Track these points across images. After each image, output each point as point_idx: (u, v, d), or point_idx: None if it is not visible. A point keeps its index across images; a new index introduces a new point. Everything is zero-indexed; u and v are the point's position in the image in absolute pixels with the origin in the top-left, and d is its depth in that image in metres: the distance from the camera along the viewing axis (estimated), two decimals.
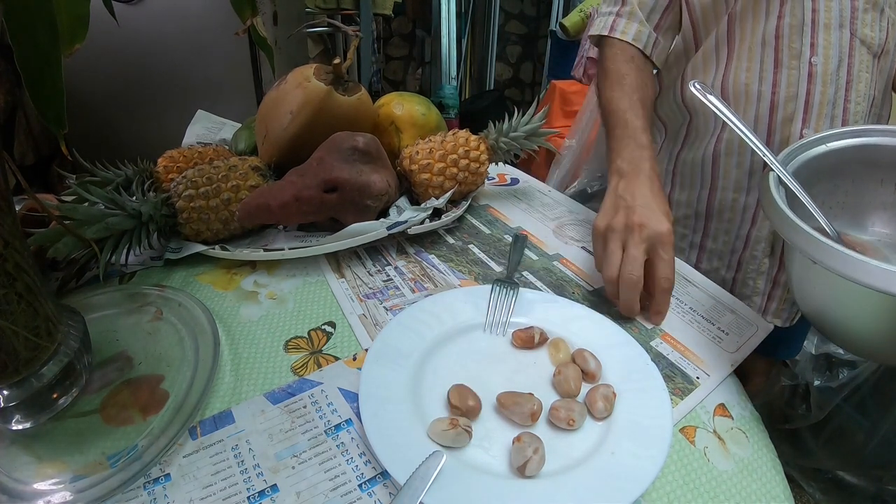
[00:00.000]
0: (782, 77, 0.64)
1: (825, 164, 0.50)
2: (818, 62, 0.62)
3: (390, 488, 0.37)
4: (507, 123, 0.70)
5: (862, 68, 0.64)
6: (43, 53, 0.34)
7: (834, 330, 0.45)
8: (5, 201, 0.36)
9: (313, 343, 0.50)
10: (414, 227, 0.62)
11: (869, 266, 0.35)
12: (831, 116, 0.64)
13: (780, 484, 0.41)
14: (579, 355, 0.46)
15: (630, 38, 0.70)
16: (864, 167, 0.51)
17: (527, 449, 0.37)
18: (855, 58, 0.63)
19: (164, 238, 0.60)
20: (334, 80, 0.63)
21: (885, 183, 0.51)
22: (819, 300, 0.45)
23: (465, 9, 2.72)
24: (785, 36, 0.63)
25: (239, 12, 0.55)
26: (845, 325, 0.44)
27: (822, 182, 0.51)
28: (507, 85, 3.20)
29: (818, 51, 0.62)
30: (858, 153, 0.50)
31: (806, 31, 0.62)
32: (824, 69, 0.63)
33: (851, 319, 0.43)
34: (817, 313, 0.46)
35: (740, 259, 0.75)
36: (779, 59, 0.64)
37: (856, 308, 0.41)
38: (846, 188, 0.52)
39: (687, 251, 0.80)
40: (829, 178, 0.51)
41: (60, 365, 0.40)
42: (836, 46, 0.62)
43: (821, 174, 0.51)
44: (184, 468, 0.38)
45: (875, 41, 0.63)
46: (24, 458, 0.39)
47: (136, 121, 1.21)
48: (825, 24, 0.62)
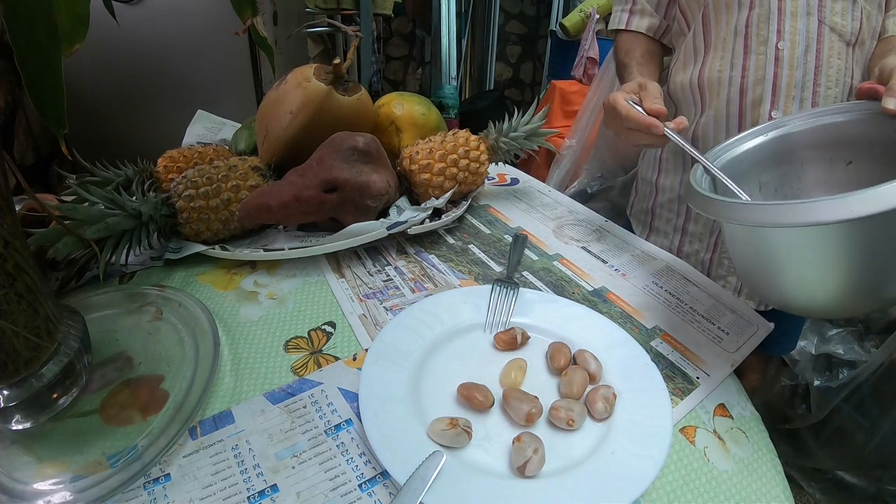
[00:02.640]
0: (751, 62, 0.68)
1: (773, 152, 0.53)
2: (785, 47, 0.67)
3: (390, 488, 0.37)
4: (507, 123, 0.70)
5: (832, 54, 0.67)
6: (43, 53, 0.34)
7: (764, 288, 0.47)
8: (5, 201, 0.36)
9: (313, 343, 0.50)
10: (414, 227, 0.62)
11: (770, 207, 0.37)
12: (800, 99, 0.68)
13: (780, 484, 0.41)
14: (580, 356, 0.46)
15: (644, 29, 0.80)
16: (813, 150, 0.52)
17: (527, 449, 0.37)
18: (824, 44, 0.66)
19: (164, 238, 0.60)
20: (334, 80, 0.63)
21: (834, 161, 0.52)
22: (745, 260, 0.47)
23: (465, 9, 2.72)
24: (754, 24, 0.68)
25: (239, 12, 0.55)
26: (772, 278, 0.45)
27: (772, 170, 0.54)
28: (507, 85, 3.20)
29: (785, 36, 0.66)
30: (802, 138, 0.52)
31: (773, 19, 0.67)
32: (791, 54, 0.67)
33: (776, 270, 0.44)
34: (748, 274, 0.48)
35: (716, 240, 0.79)
36: (748, 47, 0.68)
37: (774, 255, 0.43)
38: (797, 173, 0.54)
39: (671, 234, 0.84)
40: (779, 165, 0.54)
41: (60, 365, 0.40)
42: (802, 32, 0.66)
43: (768, 163, 0.53)
44: (184, 468, 0.38)
45: (847, 29, 0.66)
46: (24, 458, 0.39)
47: (136, 121, 1.21)
48: (792, 13, 0.66)
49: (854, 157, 0.51)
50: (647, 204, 0.88)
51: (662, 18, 0.80)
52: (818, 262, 0.40)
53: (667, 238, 0.84)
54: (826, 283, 0.41)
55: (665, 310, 0.56)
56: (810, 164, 0.53)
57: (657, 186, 0.85)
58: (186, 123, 0.88)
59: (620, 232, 0.70)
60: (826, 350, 1.18)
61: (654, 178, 0.85)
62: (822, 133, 0.51)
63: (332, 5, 1.72)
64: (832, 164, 0.52)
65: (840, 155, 0.51)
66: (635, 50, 0.78)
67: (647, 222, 0.88)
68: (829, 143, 0.51)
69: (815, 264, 0.40)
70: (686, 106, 0.78)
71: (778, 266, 0.43)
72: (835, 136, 0.51)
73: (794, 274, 0.42)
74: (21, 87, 0.94)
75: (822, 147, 0.52)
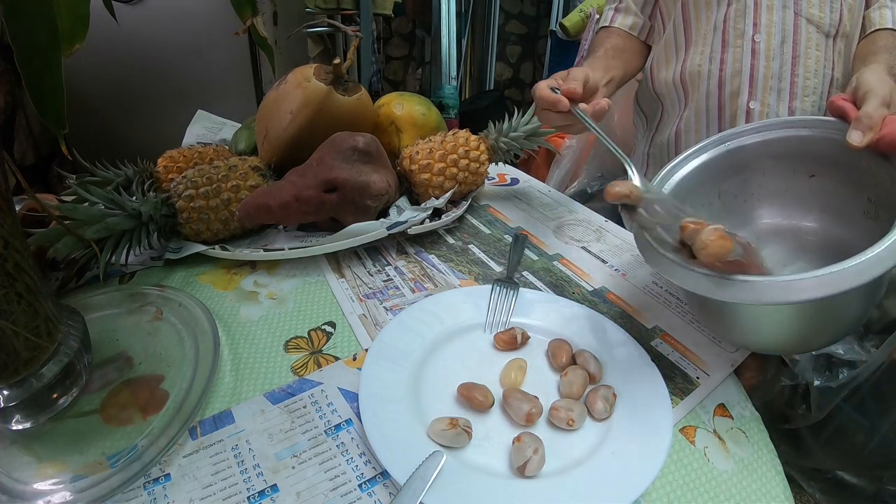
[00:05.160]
0: (728, 55, 0.70)
1: (734, 160, 0.54)
2: (761, 39, 0.68)
3: (390, 488, 0.37)
4: (507, 123, 0.70)
5: (810, 45, 0.68)
6: (43, 53, 0.34)
7: (715, 329, 0.51)
8: (5, 201, 0.36)
9: (313, 343, 0.50)
10: (414, 227, 0.62)
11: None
12: (778, 90, 0.69)
13: (780, 484, 0.41)
14: (580, 356, 0.46)
15: (627, 28, 0.82)
16: (776, 159, 0.53)
17: (527, 449, 0.37)
18: (801, 35, 0.68)
19: (164, 238, 0.60)
20: (334, 80, 0.63)
21: (797, 172, 0.53)
22: (697, 305, 0.49)
23: (465, 9, 2.72)
24: (731, 19, 0.69)
25: (239, 12, 0.55)
26: (721, 323, 0.48)
27: (733, 177, 0.55)
28: (507, 85, 3.20)
29: (761, 29, 0.68)
30: (764, 148, 0.53)
31: (749, 13, 0.68)
32: (767, 45, 0.68)
33: (724, 320, 0.47)
34: (701, 315, 0.52)
35: None
36: (726, 40, 0.70)
37: (721, 309, 0.45)
38: (758, 181, 0.55)
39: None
40: (739, 172, 0.54)
41: (60, 365, 0.40)
42: (778, 24, 0.68)
43: (729, 171, 0.54)
44: (184, 468, 0.38)
45: (825, 20, 0.67)
46: (24, 458, 0.39)
47: (136, 121, 1.21)
48: (768, 6, 0.68)
49: (817, 172, 0.51)
50: None
51: (648, 18, 0.82)
52: (772, 321, 0.44)
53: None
54: (779, 334, 0.45)
55: (665, 310, 0.56)
56: (773, 173, 0.54)
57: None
58: (186, 123, 0.88)
59: (620, 232, 0.70)
60: (826, 350, 1.18)
61: (644, 173, 0.86)
62: (788, 144, 0.52)
63: (332, 5, 1.72)
64: (795, 176, 0.53)
65: (803, 167, 0.52)
66: (603, 45, 0.79)
67: None
68: (794, 154, 0.52)
69: (768, 322, 0.44)
70: (671, 102, 0.79)
71: (731, 321, 0.46)
72: (800, 149, 0.51)
73: (748, 328, 0.46)
74: (21, 87, 0.94)
75: (786, 158, 0.52)
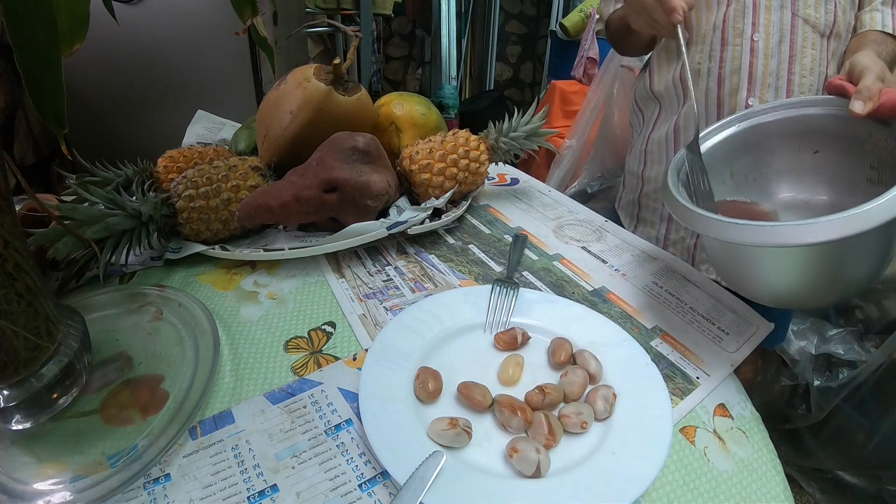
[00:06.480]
0: (728, 53, 0.72)
1: (745, 140, 0.57)
2: (759, 38, 0.70)
3: (390, 488, 0.37)
4: (507, 123, 0.70)
5: (806, 44, 0.70)
6: (43, 53, 0.34)
7: (738, 283, 0.53)
8: (5, 201, 0.36)
9: (313, 343, 0.50)
10: (414, 228, 0.61)
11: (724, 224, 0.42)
12: (775, 87, 0.71)
13: (780, 484, 0.41)
14: (580, 356, 0.46)
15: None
16: (783, 139, 0.56)
17: (529, 453, 0.37)
18: (798, 34, 0.70)
19: (164, 238, 0.60)
20: (334, 80, 0.63)
21: (802, 149, 0.56)
22: (720, 260, 0.53)
23: (465, 9, 2.72)
24: (731, 19, 0.71)
25: (239, 12, 0.55)
26: (743, 276, 0.50)
27: (744, 157, 0.58)
28: (507, 85, 3.20)
29: (759, 28, 0.70)
30: (776, 127, 0.56)
31: (748, 13, 0.71)
32: (765, 44, 0.70)
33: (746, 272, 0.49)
34: (722, 271, 0.55)
35: None
36: (725, 39, 0.72)
37: (745, 260, 0.48)
38: (766, 160, 0.58)
39: (658, 224, 0.86)
40: (750, 152, 0.58)
41: (60, 365, 0.40)
42: (776, 24, 0.70)
43: (741, 151, 0.58)
44: (184, 468, 0.38)
45: (821, 21, 0.70)
46: (24, 458, 0.39)
47: (136, 121, 1.21)
48: (766, 6, 0.70)
49: (821, 147, 0.55)
50: (633, 196, 0.90)
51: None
52: (784, 268, 0.45)
53: (654, 228, 0.86)
54: (791, 283, 0.47)
55: (665, 310, 0.56)
56: (779, 151, 0.57)
57: (643, 178, 0.87)
58: (186, 123, 0.88)
59: (620, 232, 0.70)
60: (826, 350, 1.18)
61: (640, 170, 0.87)
62: (793, 123, 0.55)
63: (332, 5, 1.73)
64: (800, 153, 0.56)
65: (808, 145, 0.55)
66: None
67: (635, 213, 0.90)
68: (798, 132, 0.55)
69: (781, 269, 0.46)
70: (669, 101, 0.81)
71: (748, 268, 0.48)
72: (805, 127, 0.55)
73: (763, 275, 0.48)
74: (21, 87, 0.94)
75: (791, 136, 0.56)
